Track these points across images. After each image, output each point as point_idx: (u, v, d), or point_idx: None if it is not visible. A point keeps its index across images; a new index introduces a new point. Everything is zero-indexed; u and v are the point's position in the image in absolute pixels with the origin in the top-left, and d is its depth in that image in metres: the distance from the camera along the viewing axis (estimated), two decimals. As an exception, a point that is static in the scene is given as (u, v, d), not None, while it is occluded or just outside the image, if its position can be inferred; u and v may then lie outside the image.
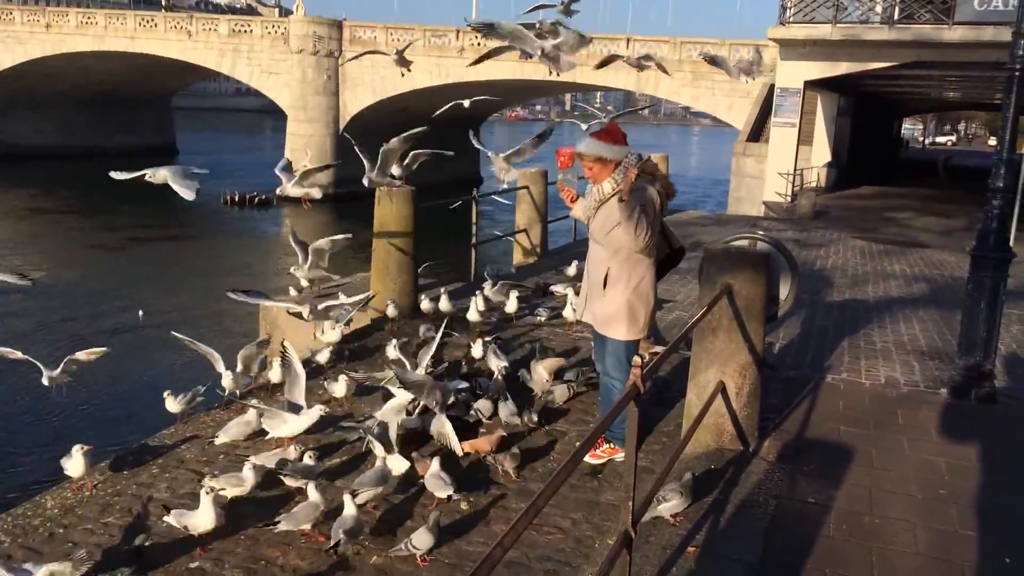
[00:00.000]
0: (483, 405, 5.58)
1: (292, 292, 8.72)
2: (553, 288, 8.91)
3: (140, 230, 32.34)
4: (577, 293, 8.26)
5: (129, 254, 28.83)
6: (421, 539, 3.99)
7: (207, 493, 4.11)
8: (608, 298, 4.93)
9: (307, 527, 4.22)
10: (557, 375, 6.13)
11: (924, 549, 3.98)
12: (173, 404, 5.62)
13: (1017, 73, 5.96)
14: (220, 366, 5.88)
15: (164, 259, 28.03)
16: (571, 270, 9.59)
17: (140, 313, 19.15)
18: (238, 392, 5.89)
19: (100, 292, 22.68)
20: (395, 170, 8.17)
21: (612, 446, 5.09)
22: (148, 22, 47.99)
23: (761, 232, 6.02)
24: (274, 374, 6.03)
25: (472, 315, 7.49)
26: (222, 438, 5.24)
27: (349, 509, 4.09)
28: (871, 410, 5.87)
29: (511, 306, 7.81)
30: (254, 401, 5.55)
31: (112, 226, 33.19)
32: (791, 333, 7.95)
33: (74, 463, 4.65)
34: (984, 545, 4.05)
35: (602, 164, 4.84)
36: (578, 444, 5.20)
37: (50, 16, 49.63)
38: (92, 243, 30.49)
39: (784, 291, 5.65)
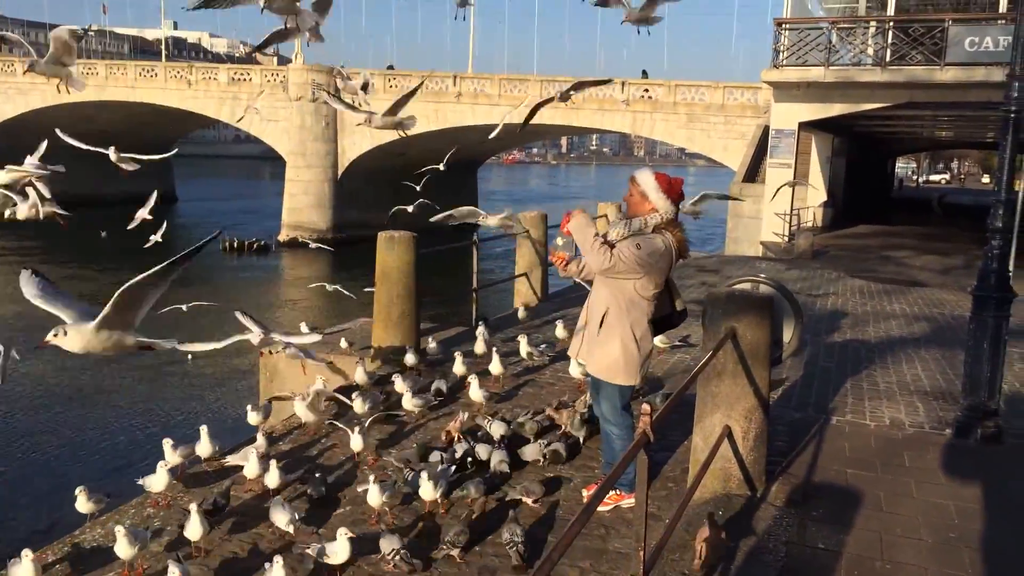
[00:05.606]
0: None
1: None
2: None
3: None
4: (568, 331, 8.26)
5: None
6: None
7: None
8: (603, 341, 4.87)
9: None
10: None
11: (937, 595, 3.94)
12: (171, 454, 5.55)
13: (1013, 114, 6.06)
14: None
15: (163, 305, 27.99)
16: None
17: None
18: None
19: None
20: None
21: (618, 492, 5.04)
22: (148, 72, 48.59)
23: (764, 275, 6.04)
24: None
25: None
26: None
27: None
28: (877, 452, 5.85)
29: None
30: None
31: (112, 272, 33.24)
32: (794, 375, 7.93)
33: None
34: (998, 590, 4.01)
35: (643, 200, 4.90)
36: (584, 492, 5.20)
37: (51, 67, 50.15)
38: (92, 290, 30.52)
39: (788, 334, 5.66)
